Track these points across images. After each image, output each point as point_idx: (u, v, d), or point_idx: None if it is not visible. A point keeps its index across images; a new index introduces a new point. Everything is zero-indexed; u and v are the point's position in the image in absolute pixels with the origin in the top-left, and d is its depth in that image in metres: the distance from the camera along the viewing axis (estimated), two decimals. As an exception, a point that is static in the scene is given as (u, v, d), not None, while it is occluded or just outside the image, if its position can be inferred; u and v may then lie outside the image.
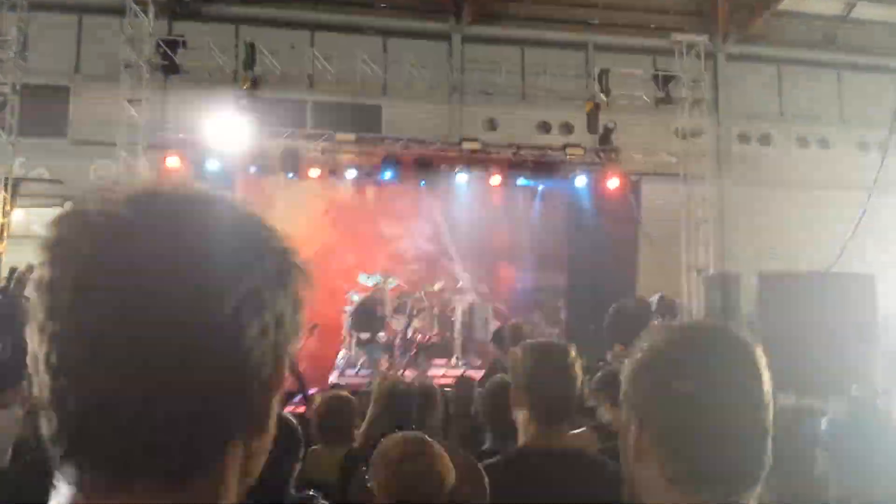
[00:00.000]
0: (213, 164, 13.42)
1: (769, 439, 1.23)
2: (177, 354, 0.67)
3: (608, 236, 14.62)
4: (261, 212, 0.77)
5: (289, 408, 6.75)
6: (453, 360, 13.04)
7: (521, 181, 14.92)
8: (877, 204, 13.77)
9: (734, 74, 18.78)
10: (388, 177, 14.28)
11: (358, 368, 12.27)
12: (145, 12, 13.76)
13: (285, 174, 13.89)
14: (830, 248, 13.96)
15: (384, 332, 11.92)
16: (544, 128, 17.56)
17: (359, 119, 16.29)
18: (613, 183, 14.76)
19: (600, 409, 3.92)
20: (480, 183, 14.85)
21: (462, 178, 14.68)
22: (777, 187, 18.08)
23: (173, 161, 13.25)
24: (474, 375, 9.91)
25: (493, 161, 14.77)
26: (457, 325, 13.40)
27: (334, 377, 12.12)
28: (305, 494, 2.95)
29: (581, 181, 14.89)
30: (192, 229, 0.70)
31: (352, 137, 14.33)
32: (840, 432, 2.32)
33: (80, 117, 16.04)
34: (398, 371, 12.18)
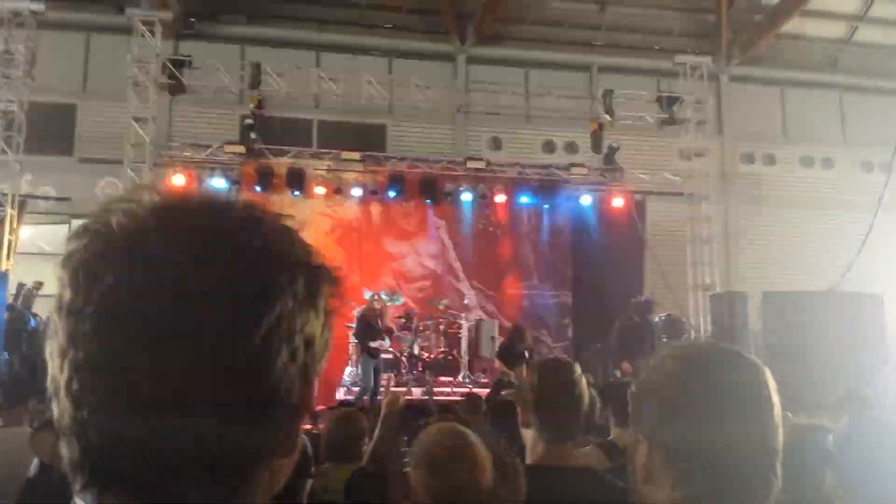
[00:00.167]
0: (218, 183, 13.51)
1: (779, 460, 1.23)
2: (204, 386, 0.64)
3: (613, 255, 14.60)
4: (290, 221, 0.74)
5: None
6: (460, 377, 13.02)
7: (526, 200, 14.96)
8: (881, 224, 13.75)
9: (738, 95, 18.85)
10: (393, 195, 14.37)
11: (352, 382, 12.29)
12: (152, 32, 13.90)
13: (291, 192, 13.98)
14: (834, 268, 13.94)
15: (382, 343, 11.90)
16: (549, 147, 17.63)
17: (364, 138, 16.37)
18: (618, 202, 14.81)
19: (609, 426, 3.92)
20: (485, 202, 14.90)
21: (467, 196, 14.73)
22: (781, 207, 18.10)
23: (179, 179, 13.36)
24: (481, 393, 9.88)
25: (497, 180, 14.84)
26: (463, 343, 13.40)
27: (341, 394, 12.12)
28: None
29: (586, 200, 14.94)
30: (221, 252, 0.67)
31: (357, 156, 14.42)
32: (844, 448, 2.32)
33: (86, 135, 16.15)
34: (405, 388, 12.17)
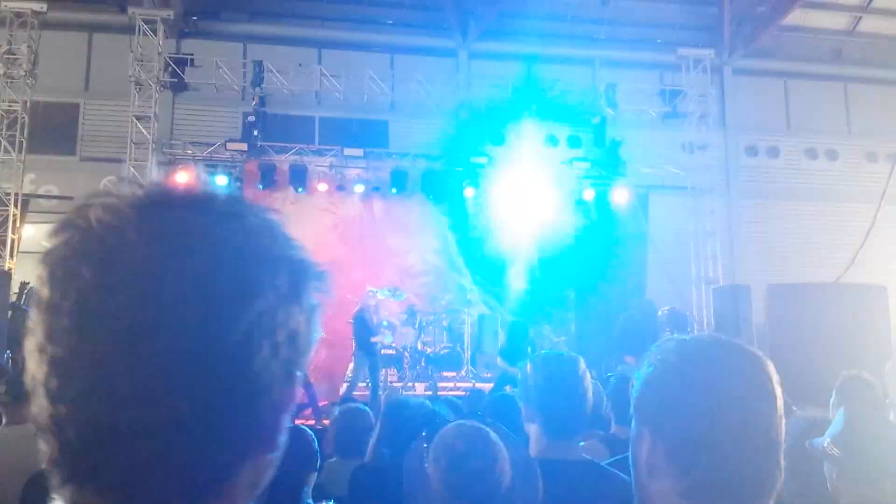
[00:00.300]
0: (221, 180, 13.53)
1: (781, 453, 1.22)
2: (183, 383, 0.63)
3: (617, 249, 14.58)
4: (275, 217, 0.74)
5: (299, 420, 6.75)
6: (463, 371, 13.02)
7: (529, 194, 14.92)
8: (886, 215, 13.71)
9: (741, 88, 18.79)
10: (395, 191, 14.36)
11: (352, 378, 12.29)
12: (154, 31, 13.93)
13: (294, 189, 14.01)
14: (839, 259, 13.92)
15: (382, 337, 11.90)
16: (552, 141, 17.57)
17: (366, 134, 16.37)
18: (621, 196, 14.77)
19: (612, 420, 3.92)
20: (488, 196, 14.88)
21: (469, 191, 14.72)
22: (785, 199, 18.07)
23: (181, 177, 13.36)
24: (485, 388, 9.87)
25: (499, 175, 14.81)
26: (466, 338, 13.40)
27: (345, 390, 12.12)
28: (321, 504, 2.98)
29: (589, 194, 14.91)
30: (201, 247, 0.66)
31: (360, 153, 14.42)
32: (844, 441, 2.31)
33: (89, 134, 16.20)
34: (408, 383, 12.18)
